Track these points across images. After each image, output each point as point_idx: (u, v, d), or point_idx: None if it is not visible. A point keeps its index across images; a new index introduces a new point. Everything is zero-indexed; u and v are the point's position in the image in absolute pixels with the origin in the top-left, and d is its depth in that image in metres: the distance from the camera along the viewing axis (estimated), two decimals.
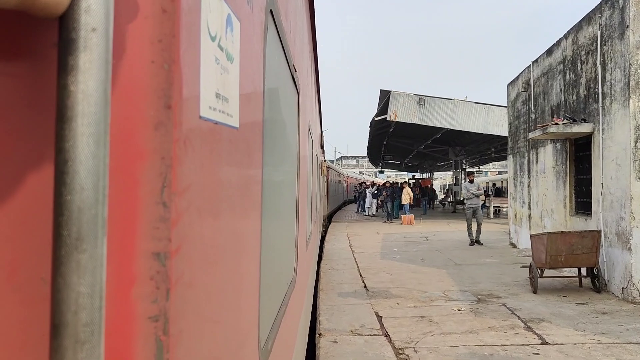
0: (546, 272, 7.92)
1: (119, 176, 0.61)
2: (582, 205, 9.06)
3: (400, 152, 36.46)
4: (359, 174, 65.71)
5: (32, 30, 0.55)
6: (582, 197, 9.08)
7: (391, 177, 67.17)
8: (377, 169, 64.15)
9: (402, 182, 24.52)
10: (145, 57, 0.64)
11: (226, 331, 1.00)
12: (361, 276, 9.45)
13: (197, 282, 0.77)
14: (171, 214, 0.65)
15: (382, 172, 54.33)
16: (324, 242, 15.47)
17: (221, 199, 0.93)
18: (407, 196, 22.18)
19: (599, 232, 7.56)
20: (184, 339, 0.70)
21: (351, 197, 45.23)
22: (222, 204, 0.94)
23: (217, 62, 0.85)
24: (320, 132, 11.83)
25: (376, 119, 20.15)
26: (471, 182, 14.32)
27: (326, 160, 23.01)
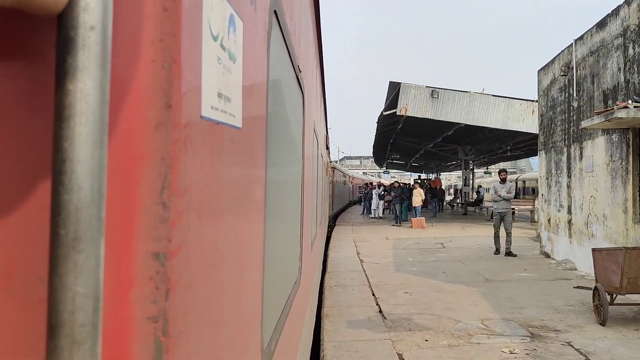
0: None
1: (118, 176, 0.60)
2: None
3: (407, 151, 34.73)
4: (362, 174, 64.99)
5: (30, 29, 0.55)
6: None
7: (395, 177, 66.13)
8: (381, 169, 62.83)
9: (412, 182, 22.30)
10: (145, 57, 0.63)
11: (228, 332, 0.99)
12: (374, 296, 7.79)
13: (198, 282, 0.76)
14: (171, 214, 0.64)
15: (387, 172, 52.65)
16: (328, 248, 13.95)
17: (223, 200, 0.92)
18: (418, 198, 20.32)
19: None
20: (184, 340, 0.70)
21: (357, 197, 44.65)
22: (223, 204, 0.92)
23: (220, 61, 0.84)
24: (325, 133, 11.82)
25: (385, 114, 18.46)
26: (502, 182, 11.92)
27: (331, 161, 22.48)
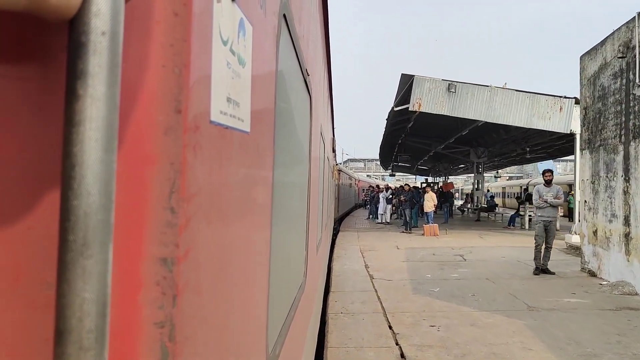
0: None
1: (127, 181, 0.61)
2: None
3: (415, 152, 32.99)
4: (366, 177, 63.43)
5: (42, 33, 0.55)
6: None
7: (400, 180, 64.43)
8: (386, 172, 61.10)
9: (419, 185, 20.52)
10: (156, 61, 0.63)
11: (233, 336, 0.99)
12: (392, 330, 6.01)
13: (205, 287, 0.76)
14: (179, 219, 0.64)
15: (393, 175, 50.90)
16: (332, 258, 12.21)
17: (231, 204, 0.92)
18: (430, 203, 18.57)
19: None
20: (190, 345, 0.69)
21: (362, 200, 43.11)
22: (231, 209, 0.92)
23: (229, 66, 0.84)
24: (332, 135, 11.45)
25: (395, 109, 16.79)
26: (547, 184, 9.52)
27: (338, 163, 22.10)
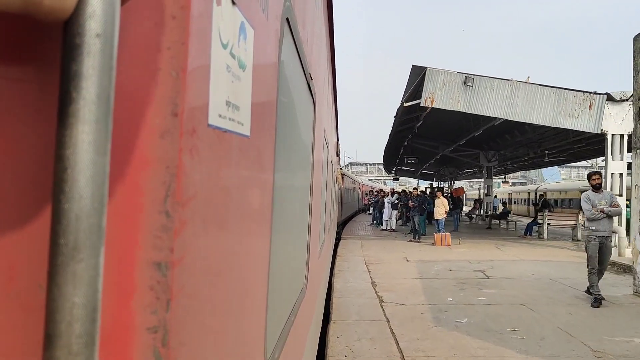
0: None
1: (122, 184, 0.60)
2: None
3: (422, 155, 31.30)
4: (369, 181, 61.91)
5: (37, 35, 0.55)
6: None
7: (403, 185, 62.79)
8: (389, 176, 59.40)
9: (434, 189, 18.78)
10: (152, 64, 0.63)
11: (230, 342, 0.98)
12: None
13: (200, 292, 0.75)
14: (174, 223, 0.63)
15: (396, 179, 49.15)
16: (333, 269, 10.58)
17: (228, 209, 0.91)
18: (441, 209, 16.83)
19: None
20: (184, 351, 0.69)
21: (364, 205, 41.58)
22: (229, 213, 0.91)
23: (229, 70, 0.84)
24: (336, 139, 11.23)
25: (405, 105, 15.15)
26: (596, 189, 7.63)
27: (341, 167, 21.58)
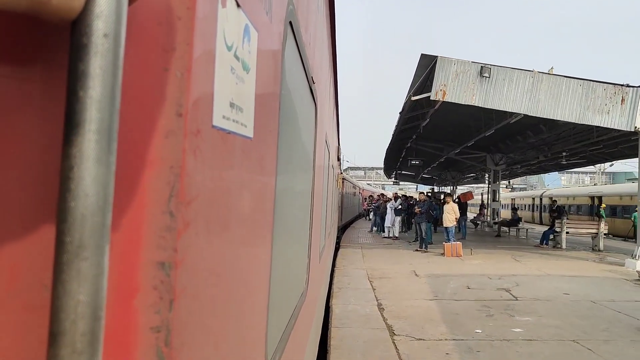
0: None
1: (126, 184, 0.60)
2: None
3: (426, 157, 29.68)
4: (369, 186, 60.35)
5: (44, 35, 0.55)
6: None
7: (403, 189, 61.17)
8: (389, 180, 57.79)
9: (444, 194, 17.05)
10: (158, 65, 0.63)
11: (231, 343, 0.98)
12: None
13: (203, 293, 0.75)
14: (178, 223, 0.63)
15: (397, 184, 47.54)
16: (331, 289, 8.93)
17: (231, 210, 0.90)
18: (451, 215, 15.16)
19: None
20: (187, 351, 0.69)
21: (364, 210, 40.00)
22: (232, 214, 0.91)
23: (233, 71, 0.84)
24: (337, 144, 11.04)
25: (413, 99, 13.55)
26: None
27: (342, 172, 21.03)
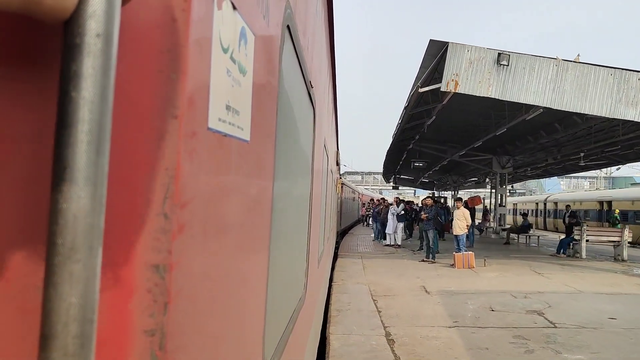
0: None
1: (120, 185, 0.59)
2: None
3: (427, 160, 28.16)
4: (368, 191, 58.80)
5: (37, 35, 0.54)
6: None
7: (401, 194, 59.56)
8: (387, 185, 56.15)
9: (455, 198, 15.28)
10: (152, 66, 0.62)
11: (228, 347, 0.97)
12: None
13: (198, 296, 0.74)
14: (172, 225, 0.63)
15: (396, 188, 46.00)
16: (329, 308, 7.43)
17: (227, 213, 0.90)
18: (462, 222, 13.39)
19: None
20: (182, 354, 0.68)
21: (361, 216, 38.43)
22: (228, 217, 0.90)
23: (229, 74, 0.83)
24: (336, 149, 11.11)
25: (421, 91, 12.00)
26: None
27: (341, 177, 20.40)
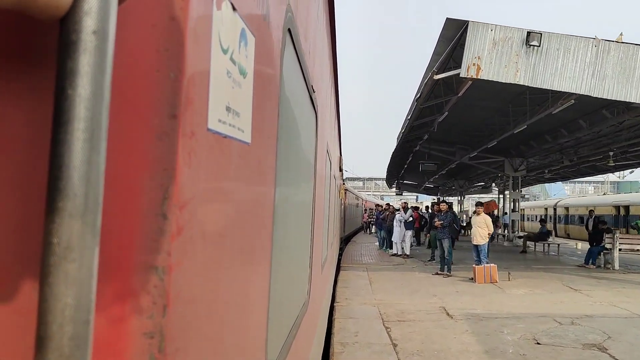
0: None
1: (118, 185, 0.59)
2: None
3: (436, 162, 26.50)
4: (372, 197, 57.23)
5: (33, 32, 0.54)
6: None
7: (404, 199, 57.88)
8: (390, 190, 54.50)
9: (476, 203, 13.50)
10: (150, 65, 0.62)
11: (228, 351, 0.95)
12: None
13: (198, 298, 0.73)
14: (171, 226, 0.62)
15: (400, 194, 44.35)
16: (331, 340, 6.56)
17: (228, 214, 0.89)
18: (484, 230, 11.76)
19: None
20: (181, 357, 0.67)
21: (364, 223, 36.79)
22: (228, 219, 0.89)
23: (229, 75, 0.83)
24: (339, 154, 10.99)
25: (436, 77, 10.34)
26: None
27: (344, 182, 20.74)
